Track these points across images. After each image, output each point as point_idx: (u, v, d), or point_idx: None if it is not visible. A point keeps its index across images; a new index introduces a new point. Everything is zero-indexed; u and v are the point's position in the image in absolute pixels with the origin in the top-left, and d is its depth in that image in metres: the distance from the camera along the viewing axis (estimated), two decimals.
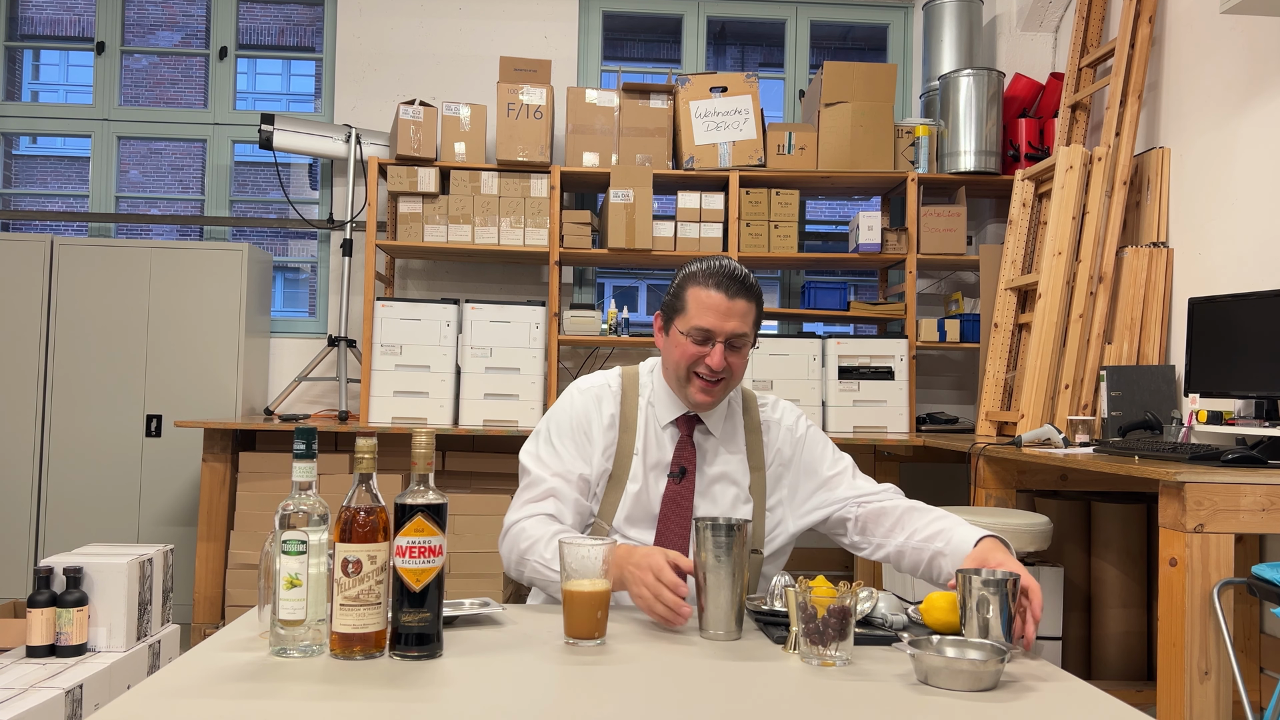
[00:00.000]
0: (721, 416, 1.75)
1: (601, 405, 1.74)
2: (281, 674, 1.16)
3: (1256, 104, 3.00)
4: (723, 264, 1.67)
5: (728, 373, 1.66)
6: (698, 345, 1.65)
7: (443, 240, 3.99)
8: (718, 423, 1.75)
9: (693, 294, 1.66)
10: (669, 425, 1.73)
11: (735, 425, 1.76)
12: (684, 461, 1.71)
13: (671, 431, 1.73)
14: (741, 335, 1.66)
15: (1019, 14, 4.35)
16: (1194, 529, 2.08)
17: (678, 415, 1.73)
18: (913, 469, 4.45)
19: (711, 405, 1.71)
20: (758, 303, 1.70)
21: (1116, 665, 3.34)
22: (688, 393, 1.68)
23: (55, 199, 8.85)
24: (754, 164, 4.07)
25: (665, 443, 1.72)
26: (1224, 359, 2.74)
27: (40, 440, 3.94)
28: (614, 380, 1.78)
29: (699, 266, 1.68)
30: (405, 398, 3.82)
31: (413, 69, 4.52)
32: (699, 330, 1.64)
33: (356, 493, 1.23)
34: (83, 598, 2.52)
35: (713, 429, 1.74)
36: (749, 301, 1.67)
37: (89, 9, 9.32)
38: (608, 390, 1.76)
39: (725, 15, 4.75)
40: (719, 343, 1.64)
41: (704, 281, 1.65)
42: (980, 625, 1.27)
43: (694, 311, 1.65)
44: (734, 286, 1.65)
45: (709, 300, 1.64)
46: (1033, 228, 3.88)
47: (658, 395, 1.75)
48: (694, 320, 1.65)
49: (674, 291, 1.70)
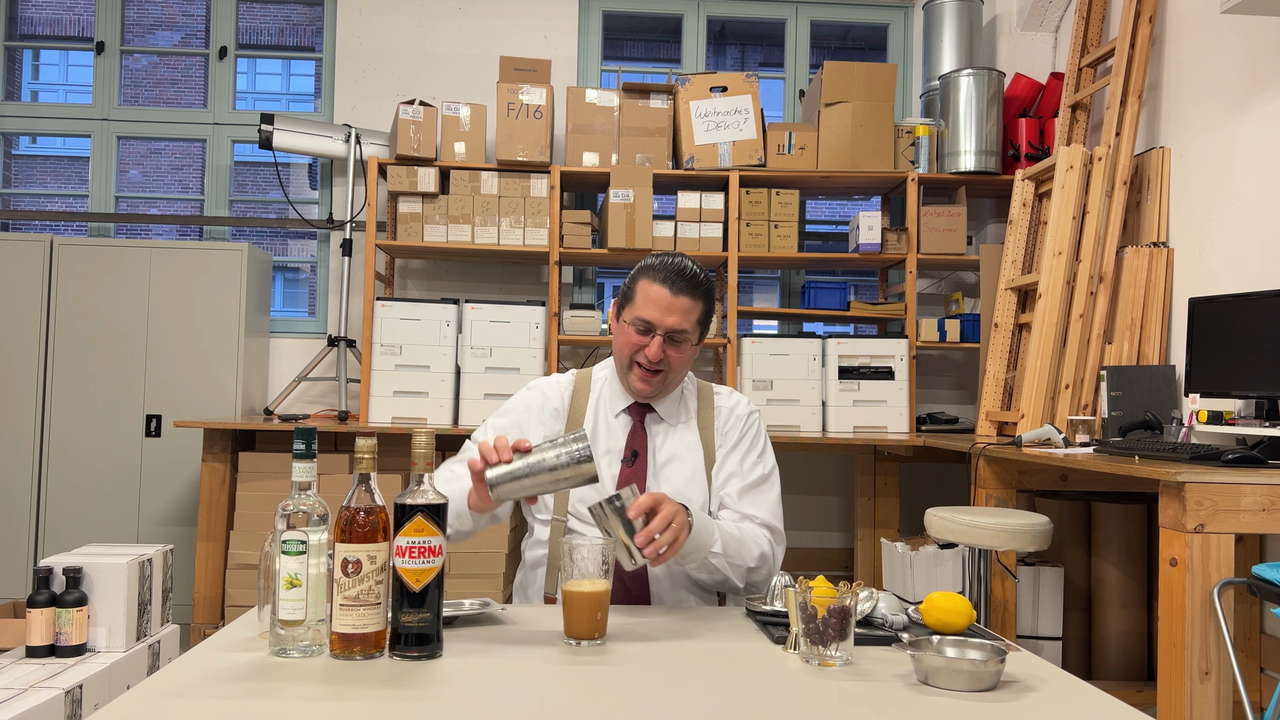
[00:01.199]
0: (675, 403, 1.82)
1: (546, 399, 1.82)
2: (281, 674, 1.16)
3: (1256, 104, 3.00)
4: (675, 260, 1.73)
5: (666, 365, 1.72)
6: (639, 335, 1.72)
7: (443, 240, 3.99)
8: (670, 409, 1.81)
9: (641, 286, 1.73)
10: (621, 413, 1.79)
11: (688, 410, 1.82)
12: (635, 445, 1.76)
13: (624, 419, 1.79)
14: (681, 331, 1.72)
15: (1019, 14, 4.35)
16: (1194, 529, 2.08)
17: (629, 403, 1.80)
18: (913, 469, 4.45)
19: (650, 395, 1.77)
20: (705, 301, 1.75)
21: (1116, 665, 3.34)
22: (629, 380, 1.76)
23: (55, 199, 8.85)
24: (754, 164, 4.07)
25: (617, 430, 1.78)
26: (1224, 359, 2.74)
27: (40, 440, 3.94)
28: (565, 379, 1.86)
29: (654, 260, 1.75)
30: (405, 398, 3.82)
31: (413, 69, 4.52)
32: (641, 321, 1.71)
33: (356, 493, 1.23)
34: (82, 598, 2.52)
35: (664, 415, 1.80)
36: (693, 299, 1.72)
37: (89, 9, 9.32)
38: (556, 386, 1.84)
39: (725, 15, 4.75)
40: (658, 335, 1.70)
41: (653, 275, 1.72)
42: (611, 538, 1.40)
43: (639, 302, 1.72)
44: (680, 283, 1.70)
45: (654, 294, 1.71)
46: (1033, 228, 3.88)
47: (610, 386, 1.83)
48: (638, 311, 1.72)
49: (628, 282, 1.77)
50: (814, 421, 3.92)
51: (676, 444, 1.78)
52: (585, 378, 1.85)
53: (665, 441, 1.78)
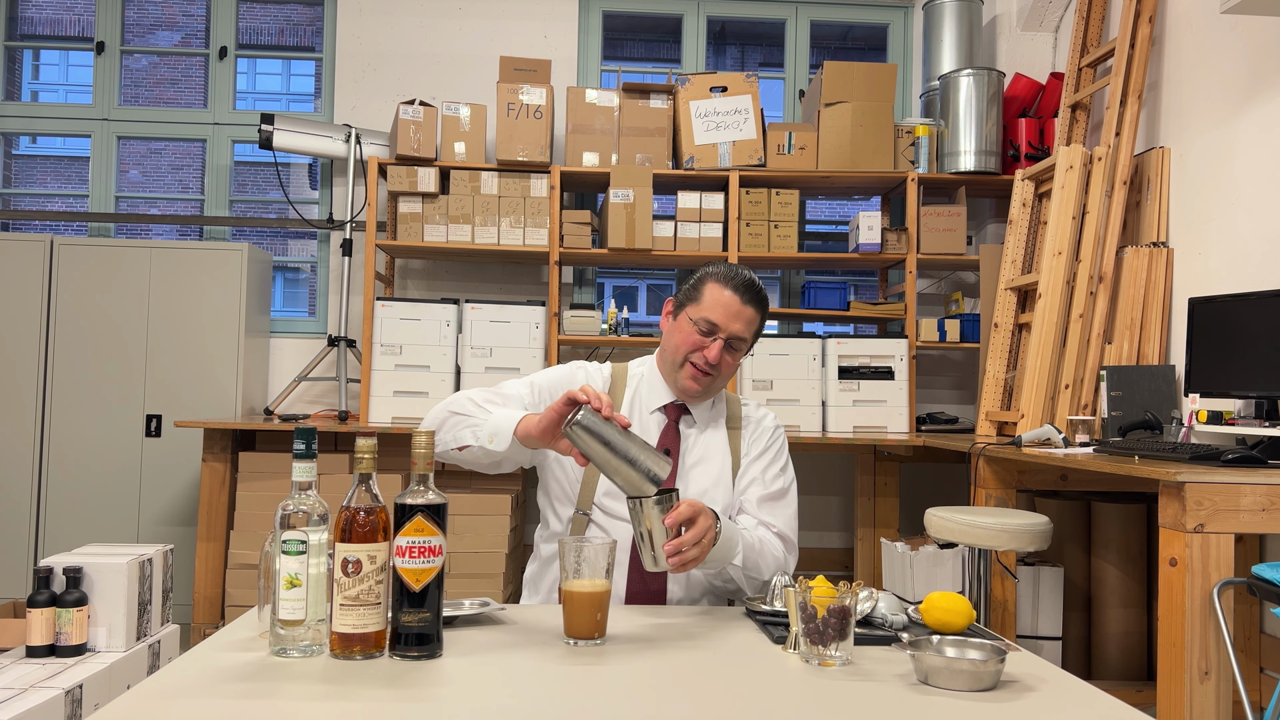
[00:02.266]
0: (707, 408, 1.85)
1: (590, 376, 1.85)
2: (281, 674, 1.16)
3: (1256, 104, 3.00)
4: (745, 272, 1.80)
5: (718, 370, 1.76)
6: (701, 335, 1.75)
7: (443, 240, 3.99)
8: (703, 413, 1.84)
9: (711, 289, 1.77)
10: (657, 410, 1.82)
11: (719, 417, 1.86)
12: (667, 444, 1.79)
13: (658, 417, 1.82)
14: (741, 339, 1.77)
15: (1019, 14, 4.35)
16: (1194, 529, 2.08)
17: (667, 402, 1.82)
18: (913, 469, 4.45)
19: (697, 395, 1.79)
20: (763, 315, 1.82)
21: (1116, 665, 3.34)
22: (679, 378, 1.78)
23: (55, 199, 8.85)
24: (754, 164, 4.07)
25: (651, 427, 1.81)
26: (1224, 359, 2.74)
27: (40, 440, 3.94)
28: (605, 369, 1.89)
29: (723, 269, 1.80)
30: (405, 398, 3.82)
31: (413, 69, 4.52)
32: (707, 321, 1.75)
33: (356, 493, 1.23)
34: (82, 598, 2.52)
35: (697, 418, 1.83)
36: (757, 311, 1.79)
37: (89, 9, 9.32)
38: (599, 373, 1.87)
39: (725, 15, 4.75)
40: (721, 338, 1.75)
41: (724, 281, 1.77)
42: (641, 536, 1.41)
43: (707, 304, 1.76)
44: (749, 294, 1.77)
45: (724, 298, 1.76)
46: (1033, 228, 3.88)
47: (648, 382, 1.85)
48: (705, 311, 1.76)
49: (694, 283, 1.81)
50: (814, 421, 3.92)
51: (706, 447, 1.81)
52: (621, 372, 1.88)
53: (696, 443, 1.81)
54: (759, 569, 1.68)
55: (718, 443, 1.82)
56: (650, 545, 1.42)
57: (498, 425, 1.58)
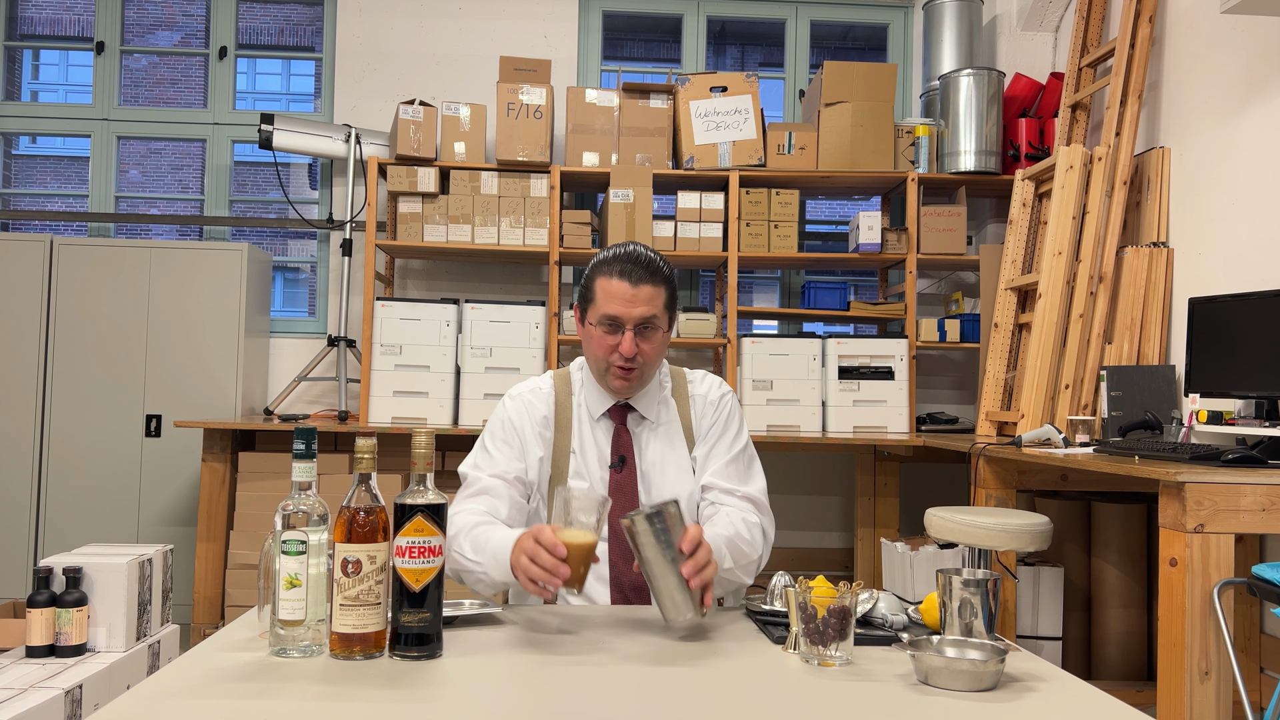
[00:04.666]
0: (654, 399, 1.78)
1: (533, 409, 1.77)
2: (281, 674, 1.16)
3: (1256, 104, 3.00)
4: (628, 250, 1.69)
5: (641, 359, 1.68)
6: (609, 334, 1.68)
7: (442, 240, 3.99)
8: (650, 405, 1.77)
9: (600, 283, 1.69)
10: (602, 417, 1.76)
11: (667, 404, 1.79)
12: (622, 450, 1.74)
13: (605, 424, 1.76)
14: (650, 318, 1.68)
15: (1019, 14, 4.35)
16: (1194, 529, 2.08)
17: (608, 406, 1.76)
18: (913, 469, 4.45)
19: (630, 391, 1.73)
20: (667, 286, 1.71)
21: (1116, 665, 3.34)
22: (607, 382, 1.72)
23: (55, 199, 8.85)
24: (754, 164, 4.07)
25: (601, 436, 1.75)
26: (1224, 359, 2.74)
27: (40, 440, 3.94)
28: (545, 383, 1.81)
29: (606, 254, 1.70)
30: (405, 398, 3.82)
31: (413, 69, 4.51)
32: (607, 318, 1.67)
33: (356, 493, 1.23)
34: (82, 598, 2.52)
35: (645, 413, 1.77)
36: (655, 286, 1.68)
37: (89, 9, 9.32)
38: (539, 393, 1.79)
39: (725, 15, 4.75)
40: (628, 329, 1.66)
41: (609, 270, 1.68)
42: (963, 628, 1.28)
43: (601, 300, 1.68)
44: (638, 272, 1.66)
45: (614, 288, 1.66)
46: (1033, 228, 3.88)
47: (588, 391, 1.78)
48: (602, 309, 1.68)
49: (584, 282, 1.73)
50: (814, 421, 3.92)
51: (660, 442, 1.76)
52: (564, 378, 1.81)
53: (649, 441, 1.76)
54: (745, 555, 1.63)
55: (672, 432, 1.76)
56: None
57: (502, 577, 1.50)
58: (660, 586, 1.35)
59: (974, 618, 1.27)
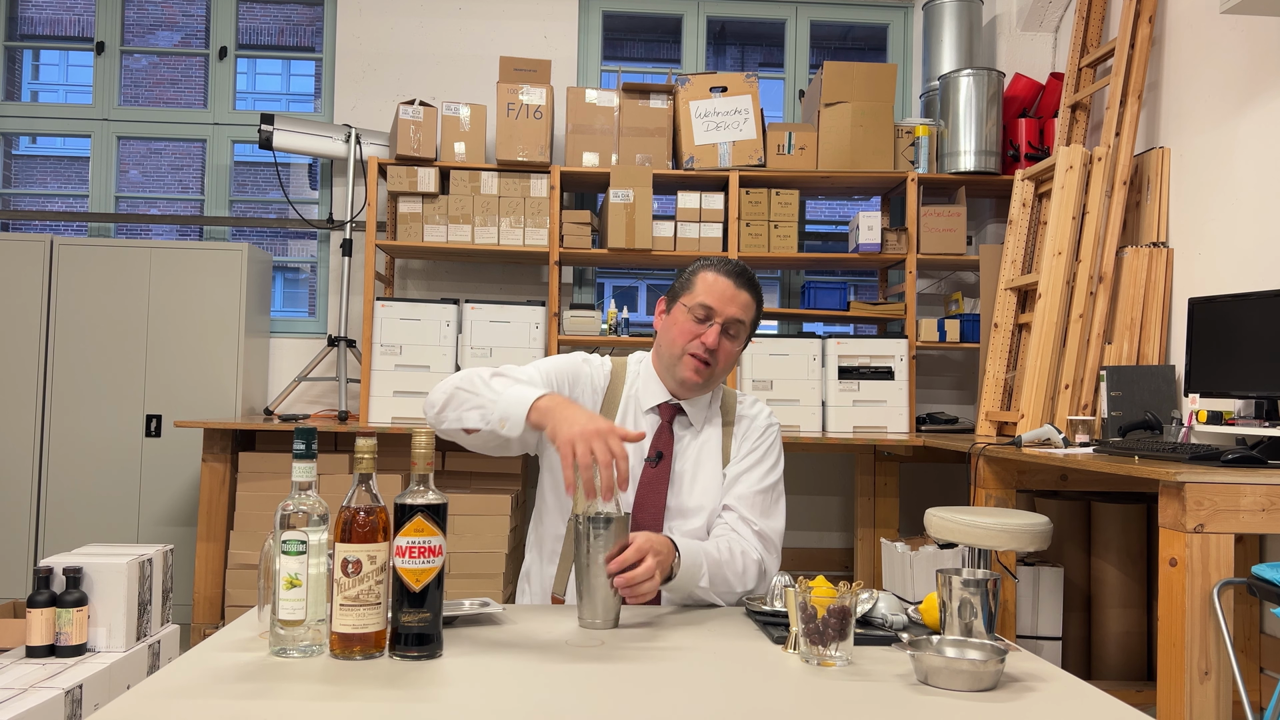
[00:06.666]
0: (703, 408, 1.81)
1: (594, 376, 1.82)
2: (281, 674, 1.16)
3: (1256, 104, 3.00)
4: (735, 261, 1.79)
5: (716, 358, 1.73)
6: (698, 322, 1.73)
7: (442, 240, 3.99)
8: (699, 413, 1.81)
9: (703, 276, 1.76)
10: (650, 410, 1.79)
11: (714, 418, 1.83)
12: (661, 447, 1.75)
13: (652, 418, 1.79)
14: (739, 323, 1.75)
15: (1019, 14, 4.35)
16: (1194, 529, 2.08)
17: (661, 401, 1.79)
18: (913, 469, 4.45)
19: (699, 387, 1.76)
20: (758, 302, 1.79)
21: (1116, 665, 3.34)
22: (678, 370, 1.74)
23: (55, 199, 8.85)
24: (754, 164, 4.07)
25: (644, 428, 1.78)
26: (1224, 359, 2.74)
27: (40, 440, 3.94)
28: (606, 365, 1.86)
29: (715, 259, 1.80)
30: (405, 398, 3.82)
31: (413, 69, 4.52)
32: (702, 307, 1.73)
33: (356, 493, 1.23)
34: (82, 598, 2.52)
35: (693, 419, 1.79)
36: (752, 297, 1.77)
37: (89, 9, 9.33)
38: (602, 367, 1.84)
39: (725, 15, 4.75)
40: (717, 322, 1.72)
41: (717, 269, 1.77)
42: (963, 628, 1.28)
43: (700, 290, 1.75)
44: (742, 279, 1.76)
45: (717, 284, 1.74)
46: (1033, 228, 3.88)
47: (643, 382, 1.82)
48: (699, 297, 1.74)
49: (686, 275, 1.80)
50: (814, 421, 3.92)
51: (700, 449, 1.78)
52: (621, 367, 1.85)
53: (690, 446, 1.78)
54: (729, 583, 1.62)
55: (711, 444, 1.79)
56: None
57: (508, 409, 1.53)
58: (594, 587, 1.41)
59: (974, 618, 1.27)
